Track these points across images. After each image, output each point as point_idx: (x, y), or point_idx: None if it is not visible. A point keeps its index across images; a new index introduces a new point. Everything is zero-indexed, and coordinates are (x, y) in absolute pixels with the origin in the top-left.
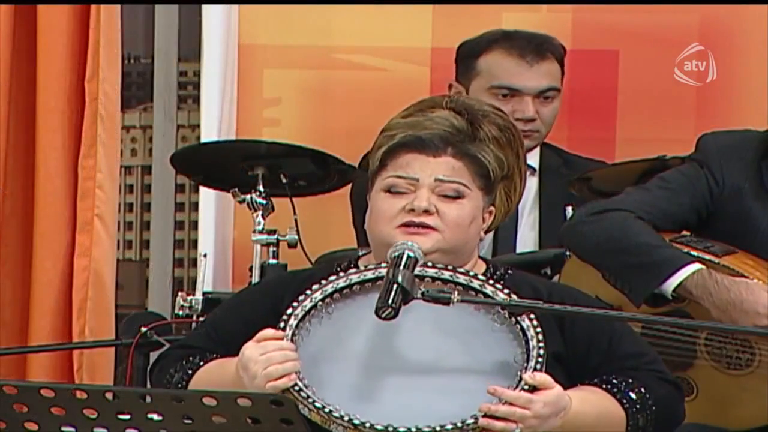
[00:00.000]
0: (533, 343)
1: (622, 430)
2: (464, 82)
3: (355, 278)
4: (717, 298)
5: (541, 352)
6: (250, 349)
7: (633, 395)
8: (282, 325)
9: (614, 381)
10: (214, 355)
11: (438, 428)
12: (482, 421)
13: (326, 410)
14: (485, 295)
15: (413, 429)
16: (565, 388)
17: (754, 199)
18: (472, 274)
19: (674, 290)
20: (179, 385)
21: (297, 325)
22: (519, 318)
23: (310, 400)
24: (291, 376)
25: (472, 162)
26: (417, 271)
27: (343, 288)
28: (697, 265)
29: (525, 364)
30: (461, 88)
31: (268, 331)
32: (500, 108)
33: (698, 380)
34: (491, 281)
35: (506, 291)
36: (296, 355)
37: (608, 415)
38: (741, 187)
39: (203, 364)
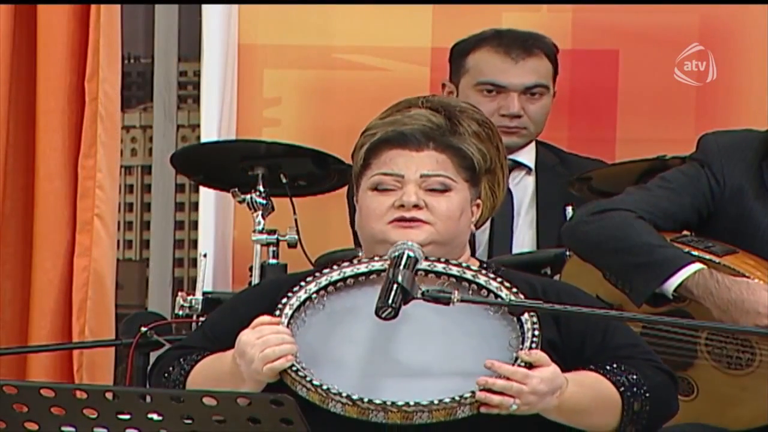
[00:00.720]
0: (528, 325)
1: (617, 413)
2: (455, 80)
3: (348, 271)
4: (718, 298)
5: (536, 333)
6: (246, 334)
7: (628, 380)
8: (277, 313)
9: (608, 367)
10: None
11: (436, 402)
12: (479, 395)
13: (324, 388)
14: (478, 285)
15: (411, 403)
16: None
17: (755, 199)
18: (464, 265)
19: (675, 290)
20: (177, 380)
21: (292, 315)
22: None
23: (308, 379)
24: (288, 356)
25: (455, 154)
26: None
27: (336, 281)
28: (698, 265)
29: (520, 346)
30: (453, 87)
31: (264, 318)
32: (478, 106)
33: (698, 380)
34: (483, 271)
35: (499, 280)
36: (292, 338)
37: (604, 398)
38: (742, 187)
39: (200, 359)
